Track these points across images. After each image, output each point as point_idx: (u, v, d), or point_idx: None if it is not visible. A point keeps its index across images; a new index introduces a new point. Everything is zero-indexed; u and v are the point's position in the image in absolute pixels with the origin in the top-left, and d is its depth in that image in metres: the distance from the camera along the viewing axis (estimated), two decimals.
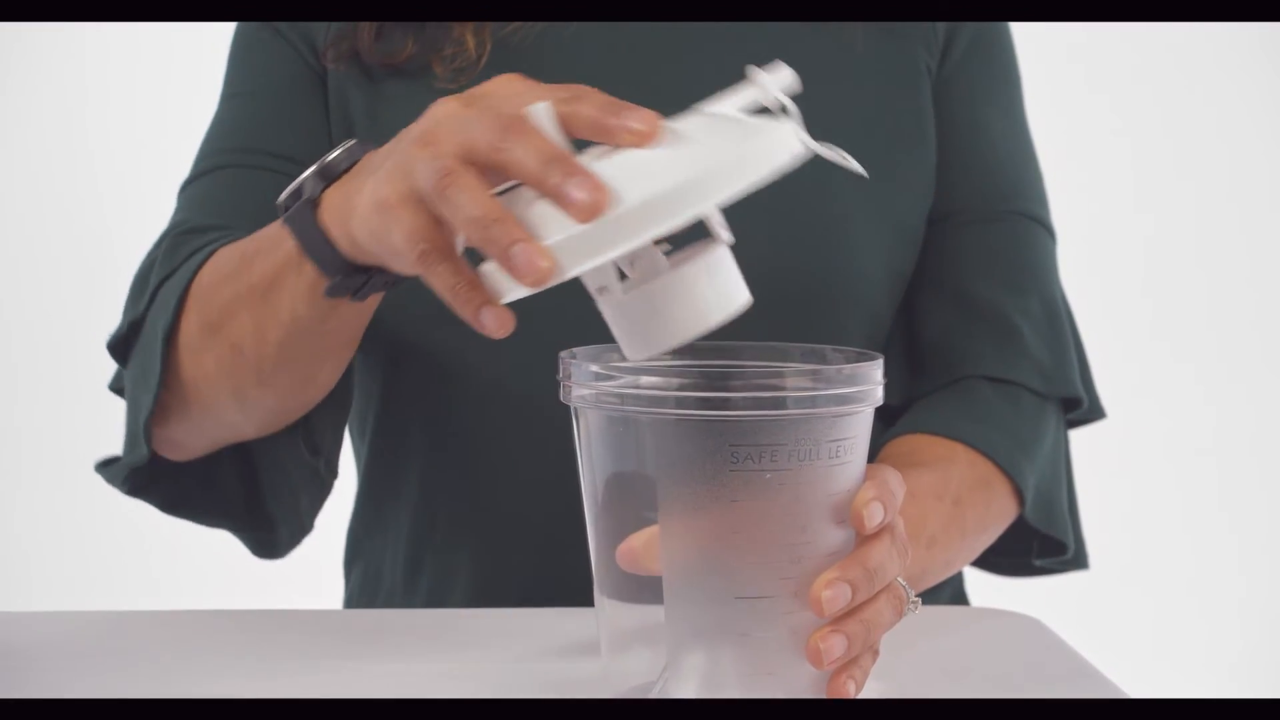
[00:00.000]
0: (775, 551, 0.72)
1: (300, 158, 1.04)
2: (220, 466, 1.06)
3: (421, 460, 1.10)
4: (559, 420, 0.91)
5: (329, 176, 0.83)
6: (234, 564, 1.14)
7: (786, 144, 0.71)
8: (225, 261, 0.95)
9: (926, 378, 1.10)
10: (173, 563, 2.40)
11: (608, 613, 0.77)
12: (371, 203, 0.75)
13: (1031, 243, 1.12)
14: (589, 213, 0.67)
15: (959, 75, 1.12)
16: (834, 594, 0.72)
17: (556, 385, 0.76)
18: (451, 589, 1.10)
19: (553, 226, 0.69)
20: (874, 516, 0.73)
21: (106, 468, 1.04)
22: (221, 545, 1.16)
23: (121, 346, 1.02)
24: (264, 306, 0.90)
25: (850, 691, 0.74)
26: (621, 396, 0.73)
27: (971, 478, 1.02)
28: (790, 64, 1.06)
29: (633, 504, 0.74)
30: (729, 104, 0.75)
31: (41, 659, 0.88)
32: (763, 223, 1.04)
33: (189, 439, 1.02)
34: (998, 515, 1.04)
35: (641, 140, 0.70)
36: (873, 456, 1.04)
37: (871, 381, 0.74)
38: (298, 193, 0.83)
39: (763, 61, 1.05)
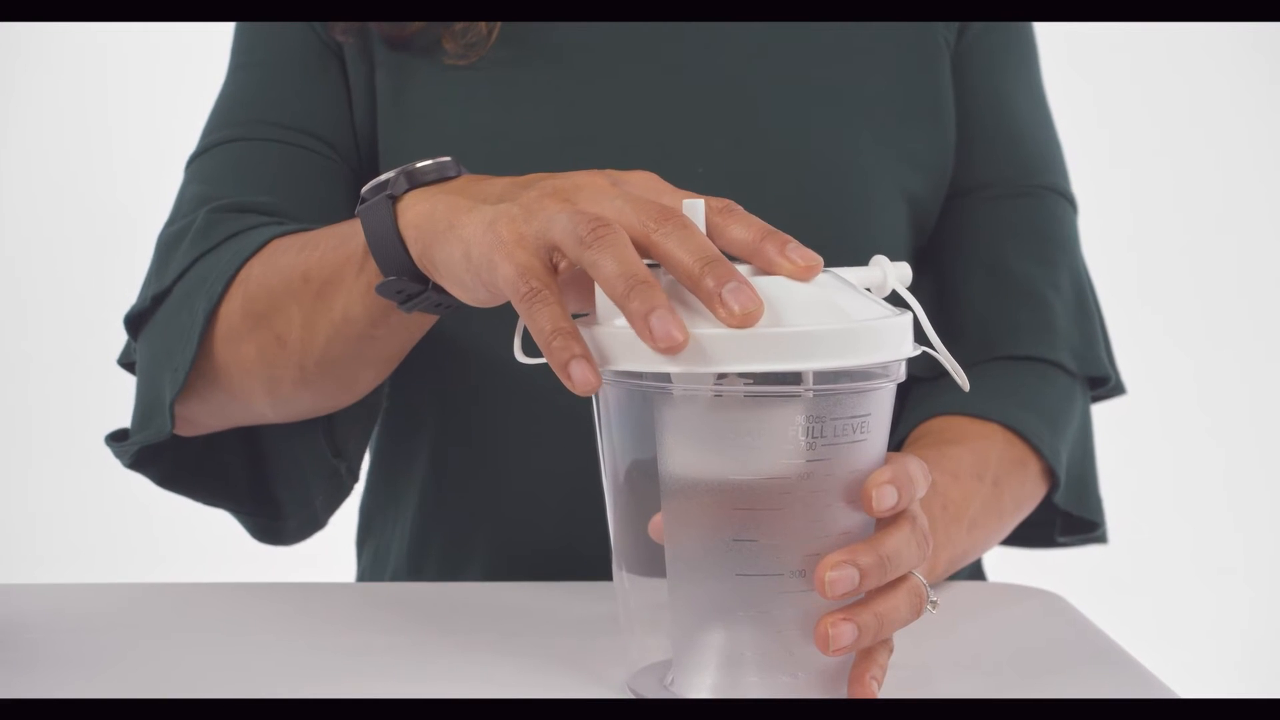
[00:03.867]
0: (782, 531, 0.71)
1: (313, 129, 1.04)
2: (224, 447, 1.04)
3: (431, 436, 1.10)
4: (569, 394, 0.90)
5: (413, 184, 0.81)
6: (247, 540, 1.14)
7: (906, 340, 0.72)
8: (282, 252, 0.93)
9: (955, 351, 1.09)
10: (185, 537, 2.41)
11: (628, 588, 0.76)
12: (484, 233, 0.73)
13: (1059, 217, 1.12)
14: (741, 322, 0.67)
15: (978, 47, 1.11)
16: (839, 575, 0.70)
17: None
18: (464, 566, 1.10)
19: (690, 320, 0.68)
20: (884, 499, 0.71)
21: (117, 441, 1.01)
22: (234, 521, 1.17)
23: (138, 320, 1.00)
24: (317, 301, 0.89)
25: (874, 691, 0.72)
26: (639, 371, 0.71)
27: (1009, 458, 1.01)
28: (805, 41, 1.06)
29: (653, 479, 0.73)
30: (853, 276, 0.76)
31: (53, 631, 0.88)
32: (782, 189, 1.03)
33: (206, 419, 1.00)
34: (1030, 496, 1.04)
35: (803, 275, 0.70)
36: (905, 436, 1.04)
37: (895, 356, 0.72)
38: (381, 187, 0.81)
39: (770, 52, 1.05)
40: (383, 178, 0.82)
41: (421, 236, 0.79)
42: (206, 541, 2.20)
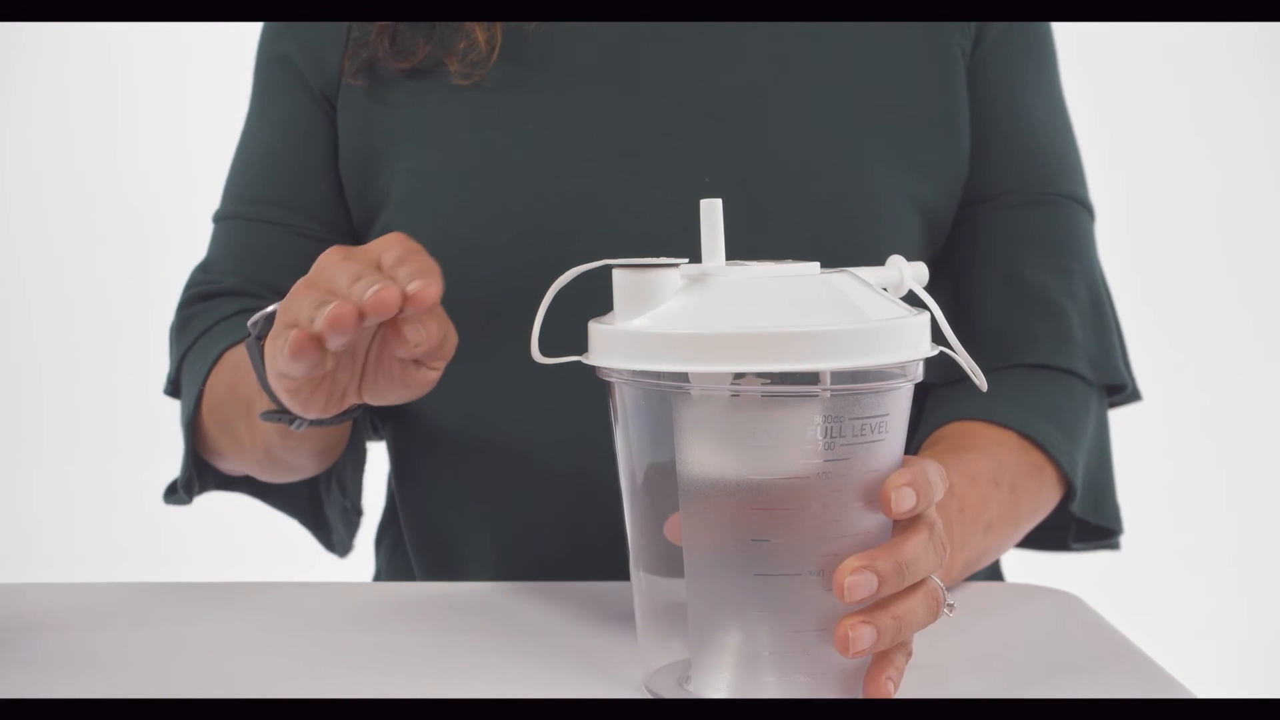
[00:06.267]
0: (800, 531, 0.71)
1: (302, 206, 1.11)
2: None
3: (444, 437, 1.10)
4: (582, 395, 0.90)
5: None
6: (252, 539, 1.15)
7: (924, 339, 0.73)
8: (228, 368, 1.05)
9: (973, 359, 1.09)
10: (190, 537, 2.41)
11: (645, 588, 0.76)
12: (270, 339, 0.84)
13: (1076, 225, 1.11)
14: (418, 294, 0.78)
15: (996, 55, 1.10)
16: (857, 581, 0.70)
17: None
18: (476, 566, 1.10)
19: (708, 320, 0.70)
20: (903, 502, 0.71)
21: (173, 495, 1.12)
22: (254, 520, 1.18)
23: (172, 394, 1.14)
24: (248, 414, 1.00)
25: (890, 691, 0.72)
26: (657, 371, 0.71)
27: (1025, 465, 1.01)
28: (814, 49, 1.05)
29: (671, 479, 0.73)
30: (870, 276, 0.76)
31: (54, 631, 0.88)
32: (792, 198, 1.03)
33: (242, 470, 1.11)
34: (1046, 503, 1.04)
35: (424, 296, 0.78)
36: (921, 441, 1.03)
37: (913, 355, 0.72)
38: (256, 323, 0.90)
39: (779, 60, 1.05)
40: (259, 314, 0.90)
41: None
42: (212, 541, 2.20)
